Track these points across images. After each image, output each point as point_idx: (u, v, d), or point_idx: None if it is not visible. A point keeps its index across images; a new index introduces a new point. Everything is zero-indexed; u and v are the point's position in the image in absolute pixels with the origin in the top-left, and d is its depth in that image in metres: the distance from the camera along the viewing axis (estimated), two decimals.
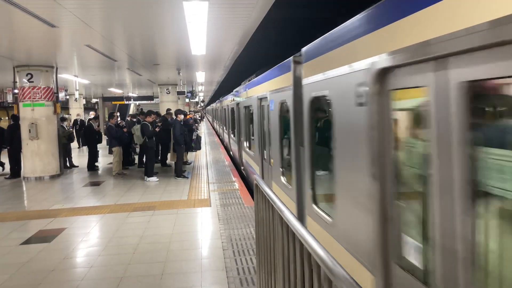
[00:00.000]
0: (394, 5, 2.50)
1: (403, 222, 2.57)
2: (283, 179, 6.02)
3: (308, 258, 2.14)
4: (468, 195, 1.88)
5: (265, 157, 7.76)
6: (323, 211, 4.07)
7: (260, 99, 8.11)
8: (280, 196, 4.40)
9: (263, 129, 7.90)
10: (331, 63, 3.59)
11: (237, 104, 13.34)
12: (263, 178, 7.83)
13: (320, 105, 4.31)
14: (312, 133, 4.46)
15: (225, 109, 19.98)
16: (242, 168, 12.59)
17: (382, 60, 2.57)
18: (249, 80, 10.99)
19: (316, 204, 4.34)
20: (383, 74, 2.61)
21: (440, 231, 2.09)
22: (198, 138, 13.95)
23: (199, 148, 14.22)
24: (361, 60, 2.90)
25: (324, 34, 4.21)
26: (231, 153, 16.59)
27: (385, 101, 2.62)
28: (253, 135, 9.84)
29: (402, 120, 2.65)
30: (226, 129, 19.54)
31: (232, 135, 15.73)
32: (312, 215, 4.38)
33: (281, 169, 6.15)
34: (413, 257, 2.46)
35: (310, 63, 4.37)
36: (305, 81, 4.52)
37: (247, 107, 10.82)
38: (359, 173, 3.00)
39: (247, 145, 11.23)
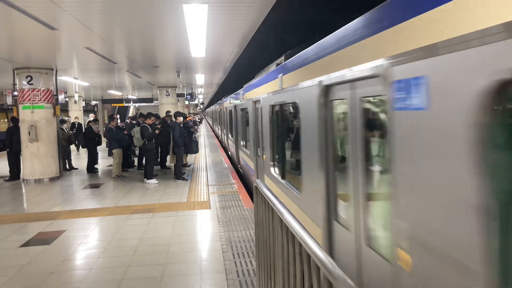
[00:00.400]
0: None
1: None
2: None
3: (307, 260, 2.15)
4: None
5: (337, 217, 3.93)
6: None
7: (325, 87, 3.99)
8: None
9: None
10: None
11: (255, 102, 9.23)
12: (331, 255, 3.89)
13: None
14: None
15: (230, 110, 16.61)
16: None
17: None
18: (281, 61, 6.95)
19: None
20: None
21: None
22: (195, 142, 13.89)
23: (197, 151, 14.20)
24: None
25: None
26: (239, 168, 13.83)
27: None
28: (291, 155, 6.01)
29: None
30: (232, 137, 15.85)
31: (243, 147, 12.38)
32: None
33: None
34: None
35: None
36: None
37: (275, 108, 6.77)
38: None
39: (279, 171, 6.74)
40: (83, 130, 15.70)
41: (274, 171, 6.96)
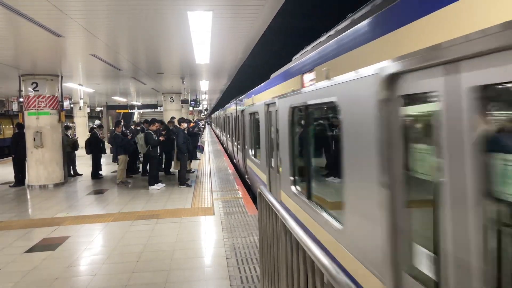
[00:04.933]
0: None
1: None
2: None
3: (311, 266, 2.15)
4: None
5: None
6: None
7: (389, 76, 2.66)
8: None
9: None
10: None
11: (268, 105, 7.76)
12: None
13: None
14: None
15: (236, 116, 15.05)
16: None
17: None
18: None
19: None
20: None
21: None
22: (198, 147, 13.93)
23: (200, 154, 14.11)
24: None
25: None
26: (247, 178, 12.33)
27: None
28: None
29: None
30: (239, 144, 14.17)
31: (252, 156, 10.61)
32: None
33: None
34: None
35: None
36: None
37: (296, 110, 5.46)
38: None
39: (303, 190, 5.27)
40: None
41: (296, 189, 5.54)
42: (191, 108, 27.58)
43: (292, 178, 5.66)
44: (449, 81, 2.05)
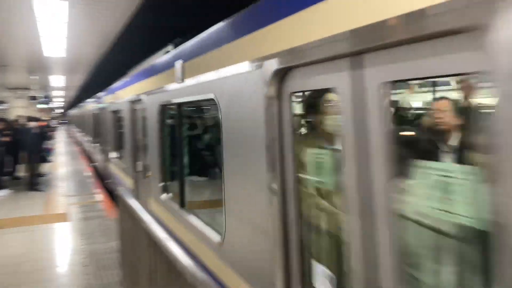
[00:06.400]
0: None
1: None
2: None
3: (172, 266, 2.16)
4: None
5: None
6: None
7: (278, 71, 2.26)
8: None
9: None
10: None
11: (133, 102, 6.48)
12: None
13: None
14: None
15: (96, 114, 13.29)
16: None
17: None
18: None
19: None
20: None
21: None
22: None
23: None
24: None
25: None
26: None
27: None
28: None
29: None
30: (100, 145, 12.16)
31: (116, 159, 8.85)
32: None
33: None
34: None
35: None
36: None
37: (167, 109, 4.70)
38: None
39: (175, 197, 4.12)
40: None
41: (167, 196, 4.57)
42: (42, 106, 25.14)
43: (162, 184, 4.69)
44: (353, 76, 1.74)
